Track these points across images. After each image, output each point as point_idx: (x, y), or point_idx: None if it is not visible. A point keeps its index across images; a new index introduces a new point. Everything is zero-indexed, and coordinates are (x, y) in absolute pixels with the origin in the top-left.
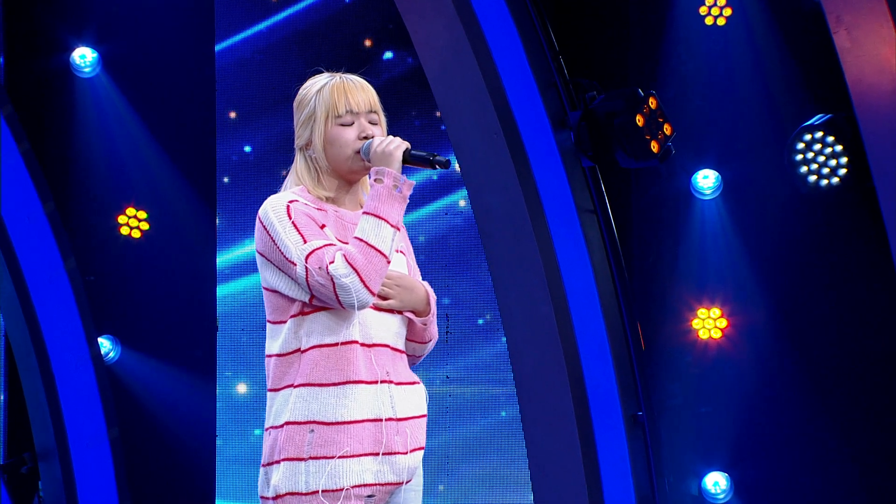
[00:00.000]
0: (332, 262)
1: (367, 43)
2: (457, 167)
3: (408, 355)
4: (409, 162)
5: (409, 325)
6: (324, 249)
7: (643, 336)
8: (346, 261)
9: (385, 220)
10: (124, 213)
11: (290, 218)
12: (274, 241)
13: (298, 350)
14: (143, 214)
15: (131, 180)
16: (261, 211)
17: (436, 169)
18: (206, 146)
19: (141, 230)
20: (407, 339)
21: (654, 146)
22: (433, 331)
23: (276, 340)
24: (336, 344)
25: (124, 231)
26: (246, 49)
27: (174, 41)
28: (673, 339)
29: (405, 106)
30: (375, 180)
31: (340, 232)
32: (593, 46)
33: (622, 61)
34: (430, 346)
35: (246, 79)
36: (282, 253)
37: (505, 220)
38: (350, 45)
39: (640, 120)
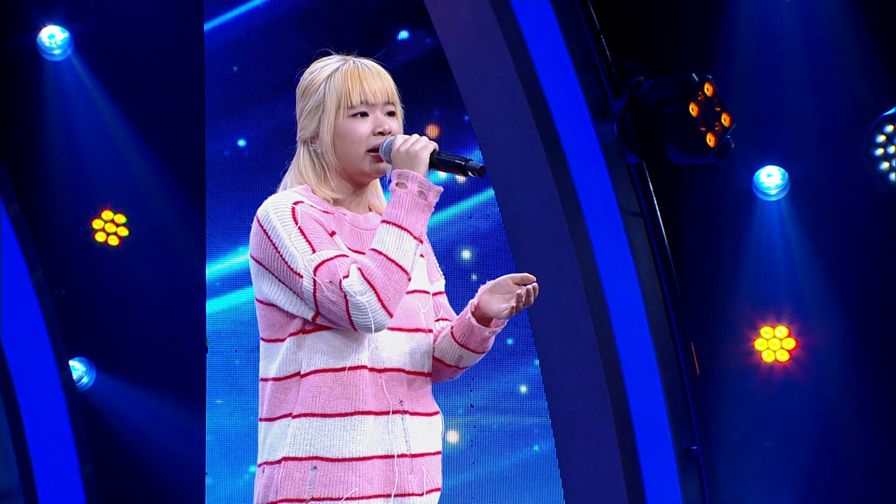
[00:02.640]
0: (347, 276)
1: (379, 20)
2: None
3: (447, 366)
4: (436, 166)
5: (469, 333)
6: (336, 261)
7: (698, 359)
8: (363, 276)
9: (408, 232)
10: (100, 217)
11: (297, 222)
12: (276, 248)
13: (297, 374)
14: (121, 219)
15: (108, 179)
16: (260, 212)
17: (467, 176)
18: (193, 140)
19: (119, 236)
20: (460, 345)
21: (711, 139)
22: (492, 340)
23: (272, 362)
24: (343, 369)
25: (100, 238)
26: (240, 28)
27: (157, 19)
28: (732, 363)
29: (422, 93)
30: (397, 184)
31: (352, 239)
32: (640, 24)
33: (673, 41)
34: (480, 358)
35: (240, 62)
36: (286, 262)
37: (538, 225)
38: (359, 23)
39: (694, 109)
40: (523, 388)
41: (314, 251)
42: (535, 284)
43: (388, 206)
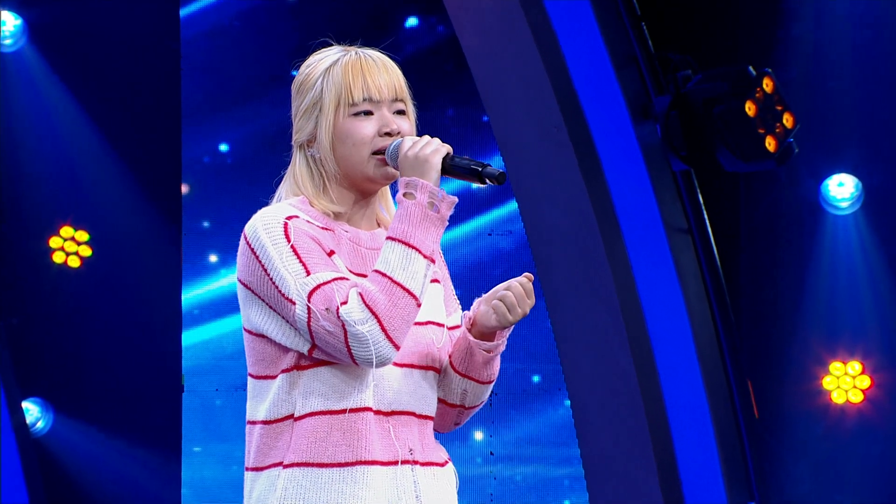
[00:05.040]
0: (345, 302)
1: (384, 5)
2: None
3: (451, 407)
4: (450, 172)
5: (469, 357)
6: (333, 285)
7: (756, 400)
8: (364, 302)
9: (416, 250)
10: (58, 235)
11: (289, 240)
12: (266, 270)
13: (291, 416)
14: (83, 236)
15: (68, 190)
16: (248, 228)
17: (485, 183)
18: (168, 144)
19: (80, 257)
20: (462, 374)
21: (771, 143)
22: (497, 365)
23: (261, 402)
24: (343, 411)
25: (58, 258)
26: (222, 14)
27: (125, 3)
28: (797, 404)
29: (434, 89)
30: (405, 195)
31: (354, 260)
32: (687, 10)
33: (727, 29)
34: (488, 391)
35: (222, 56)
36: (276, 287)
37: (568, 243)
38: (360, 8)
39: (750, 108)
40: (551, 433)
41: (308, 273)
42: (527, 277)
43: (394, 219)
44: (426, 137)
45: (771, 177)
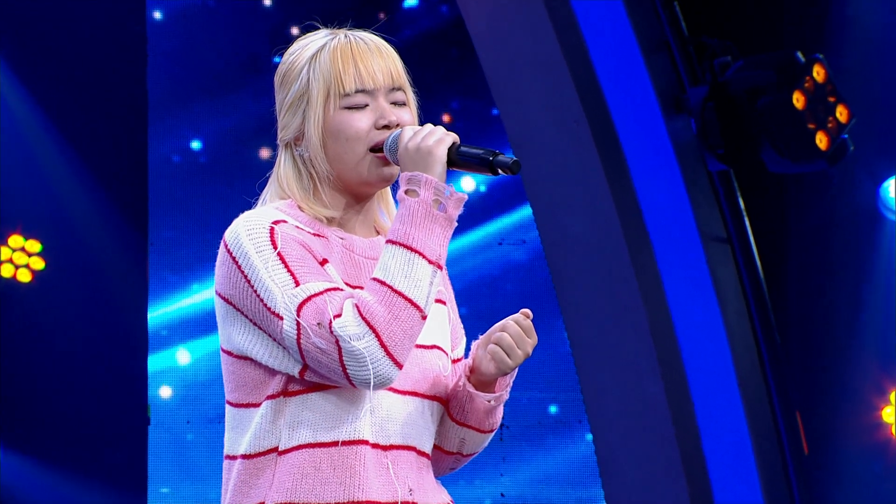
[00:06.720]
0: (339, 315)
1: None
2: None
3: (447, 454)
4: (457, 164)
5: (469, 404)
6: (325, 296)
7: (805, 434)
8: (360, 314)
9: (420, 254)
10: (6, 244)
11: (276, 247)
12: (249, 281)
13: (275, 450)
14: (35, 246)
15: (17, 194)
16: (228, 234)
17: (497, 174)
18: (132, 141)
19: (32, 270)
20: (460, 423)
21: (822, 140)
22: (500, 413)
23: (242, 434)
24: (335, 443)
25: (7, 271)
26: None
27: None
28: (852, 439)
29: (436, 79)
30: (407, 192)
31: (349, 270)
32: None
33: (772, 10)
34: (489, 439)
35: (193, 39)
36: (261, 300)
37: (589, 254)
38: None
39: (799, 100)
40: (571, 471)
41: (297, 284)
42: (525, 313)
43: (395, 220)
44: (428, 126)
45: (822, 178)
